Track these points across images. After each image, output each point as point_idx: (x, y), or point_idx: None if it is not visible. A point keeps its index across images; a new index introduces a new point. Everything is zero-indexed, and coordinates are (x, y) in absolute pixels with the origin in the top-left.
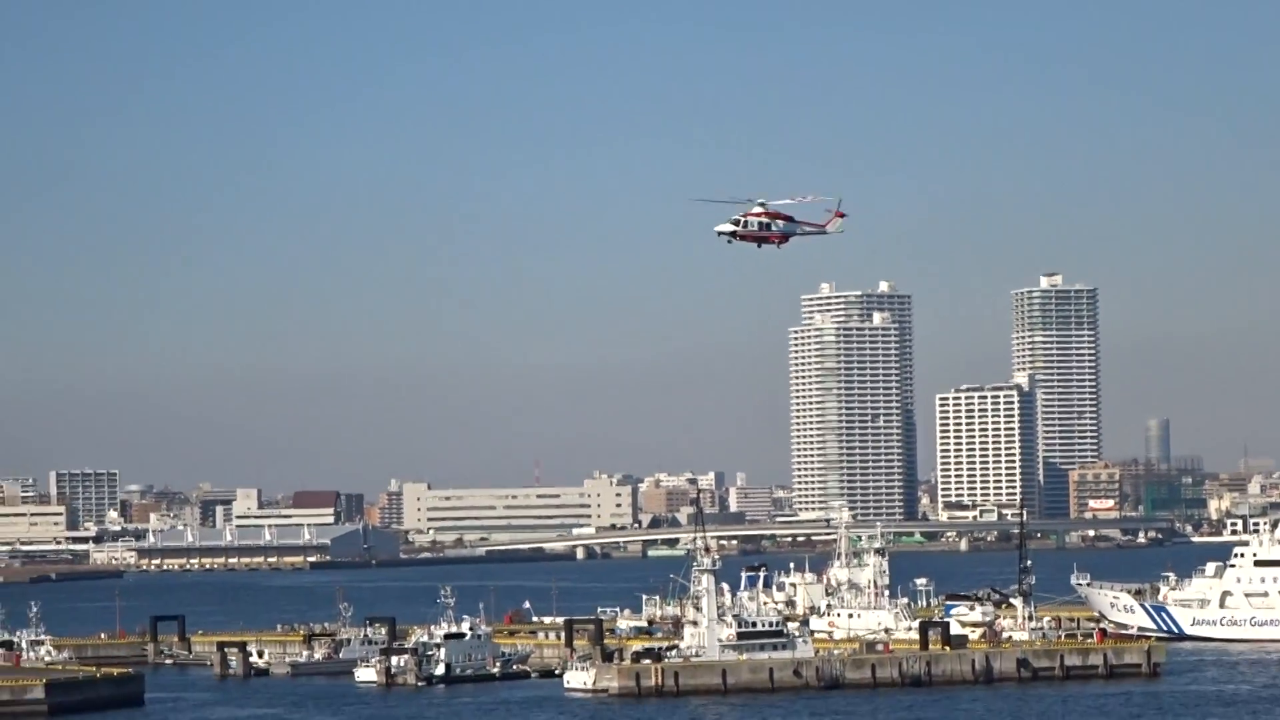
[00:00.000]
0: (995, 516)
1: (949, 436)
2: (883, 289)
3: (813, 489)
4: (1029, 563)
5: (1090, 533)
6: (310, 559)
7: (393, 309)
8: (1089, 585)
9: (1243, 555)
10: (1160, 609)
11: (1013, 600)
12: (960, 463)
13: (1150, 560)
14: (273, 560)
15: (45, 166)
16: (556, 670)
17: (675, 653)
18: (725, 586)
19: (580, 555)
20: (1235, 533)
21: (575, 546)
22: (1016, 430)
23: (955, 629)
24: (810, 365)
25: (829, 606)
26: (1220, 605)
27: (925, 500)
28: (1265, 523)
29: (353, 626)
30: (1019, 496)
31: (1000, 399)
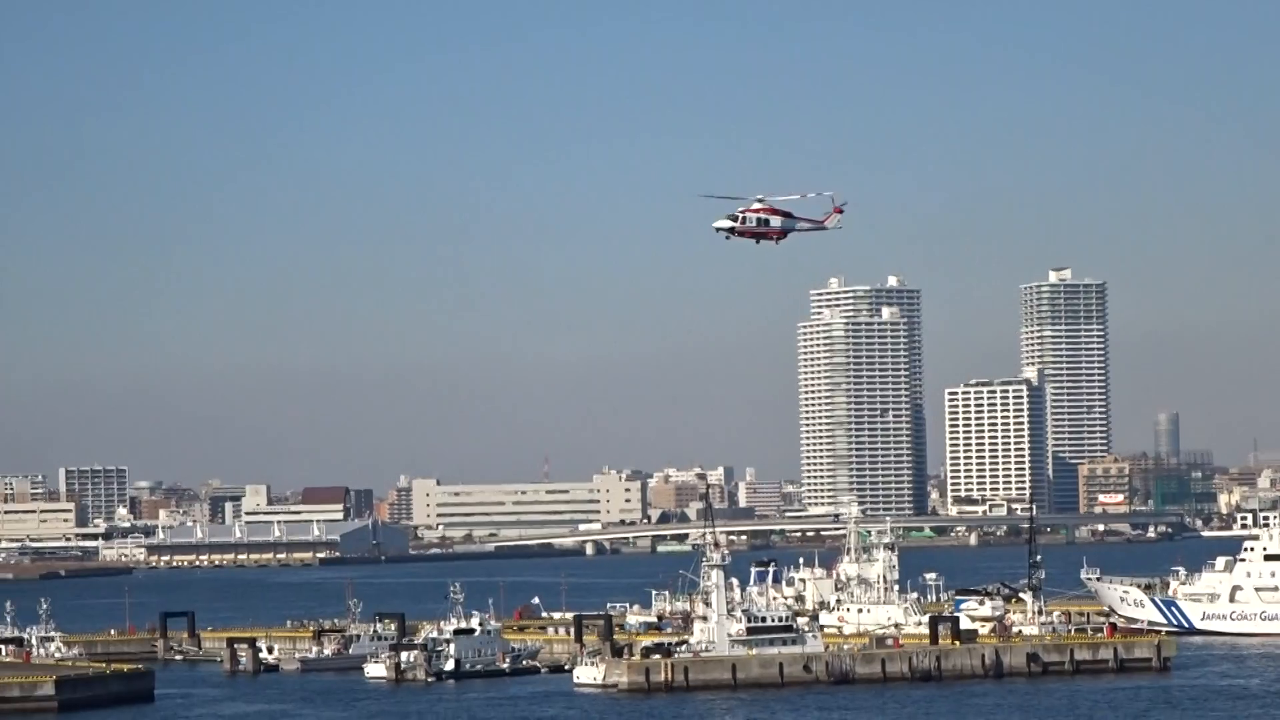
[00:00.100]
0: (1005, 511)
1: (958, 431)
2: (892, 284)
3: (822, 484)
4: (1039, 557)
5: (1100, 527)
6: (319, 555)
7: (402, 305)
8: (1099, 580)
9: (1252, 550)
10: (1170, 603)
11: (1022, 595)
12: (970, 458)
13: (1160, 555)
14: (282, 556)
15: (53, 162)
16: (566, 666)
17: (685, 648)
18: (735, 582)
19: (589, 551)
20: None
21: (584, 542)
22: (1026, 425)
23: (965, 624)
24: (819, 360)
25: (838, 601)
26: (1230, 600)
27: (935, 495)
28: (1275, 517)
29: (362, 622)
30: (1028, 491)
31: (1009, 394)
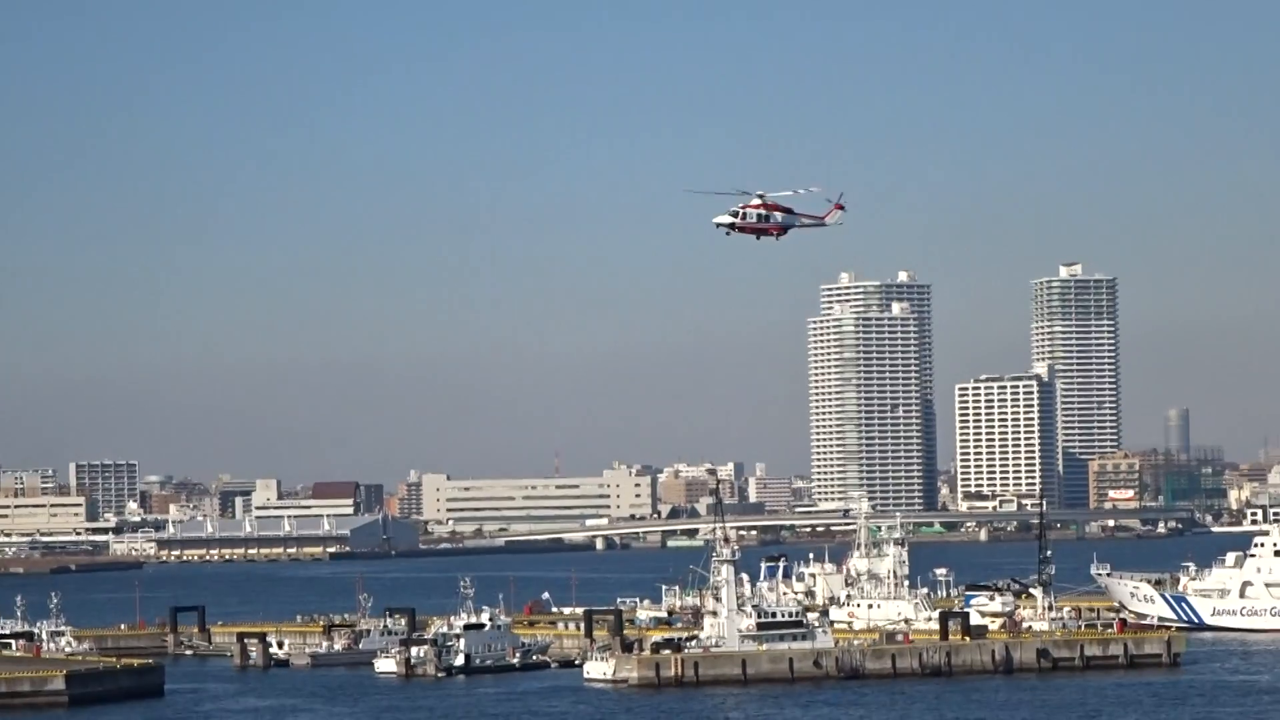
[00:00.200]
0: (1015, 507)
1: (968, 427)
2: (902, 279)
3: (832, 479)
4: (1049, 553)
5: (1110, 523)
6: (330, 550)
7: (412, 300)
8: (1109, 575)
9: (1263, 545)
10: (1180, 599)
11: (1032, 590)
12: (980, 453)
13: (1170, 550)
14: (292, 551)
15: (65, 158)
16: (576, 661)
17: (695, 643)
18: (745, 577)
19: (599, 546)
20: (1255, 523)
21: (594, 537)
22: (1036, 420)
23: (975, 619)
24: (829, 355)
25: (848, 597)
26: (1240, 595)
27: (945, 490)
28: None
29: (372, 617)
30: (1038, 487)
31: (1020, 389)
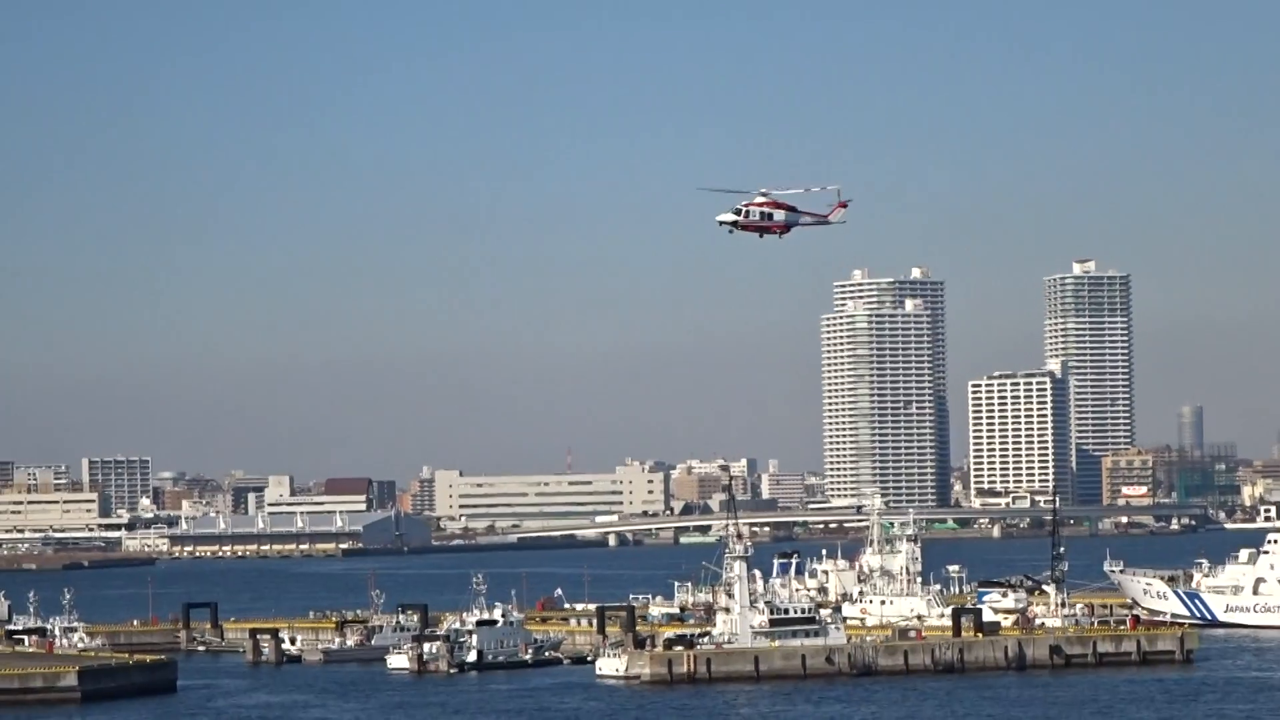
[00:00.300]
0: (1028, 503)
1: (982, 423)
2: (915, 275)
3: (845, 476)
4: (1062, 549)
5: (1123, 519)
6: (342, 546)
7: (425, 296)
8: (1122, 572)
9: (1276, 541)
10: (1193, 595)
11: (1045, 587)
12: (993, 449)
13: (1183, 547)
14: (305, 547)
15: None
16: (589, 657)
17: (707, 639)
18: (757, 573)
19: (612, 542)
20: (1269, 519)
21: (607, 533)
22: (1049, 417)
23: (988, 615)
24: (842, 352)
25: (861, 593)
26: (1254, 592)
27: (958, 487)
28: None
29: (385, 613)
30: (1052, 483)
31: (1033, 385)
